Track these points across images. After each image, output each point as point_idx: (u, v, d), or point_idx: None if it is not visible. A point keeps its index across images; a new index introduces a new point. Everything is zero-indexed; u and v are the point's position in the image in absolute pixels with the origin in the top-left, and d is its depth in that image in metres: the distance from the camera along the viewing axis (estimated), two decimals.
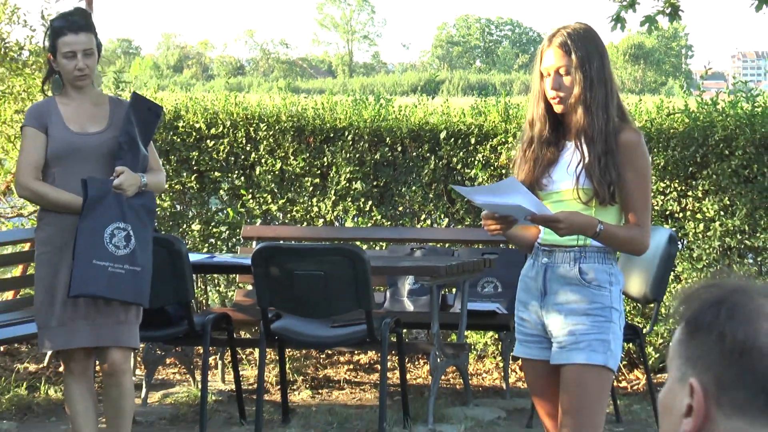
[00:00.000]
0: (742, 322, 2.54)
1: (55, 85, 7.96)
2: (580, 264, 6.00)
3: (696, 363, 2.56)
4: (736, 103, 11.65)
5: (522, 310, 6.24)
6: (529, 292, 6.19)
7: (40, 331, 7.99)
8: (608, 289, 6.01)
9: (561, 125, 6.08)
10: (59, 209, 7.79)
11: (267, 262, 9.51)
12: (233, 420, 10.11)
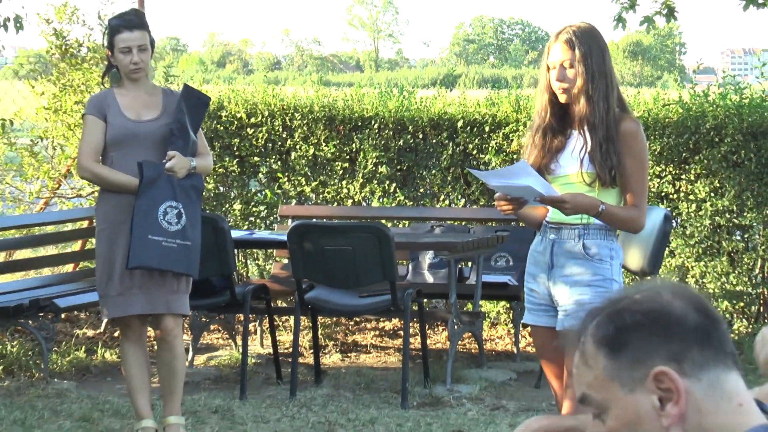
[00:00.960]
0: (645, 301, 2.59)
1: (113, 78, 8.00)
2: (584, 240, 6.04)
3: (644, 361, 2.55)
4: (725, 95, 11.64)
5: (531, 282, 6.26)
6: (538, 265, 6.21)
7: (101, 300, 8.06)
8: (609, 263, 6.04)
9: (566, 115, 6.09)
10: (116, 189, 7.83)
11: (301, 238, 9.52)
12: (271, 380, 10.13)
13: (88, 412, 8.91)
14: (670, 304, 2.58)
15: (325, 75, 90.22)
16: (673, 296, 2.58)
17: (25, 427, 8.51)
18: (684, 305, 2.57)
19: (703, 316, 2.57)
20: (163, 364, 8.07)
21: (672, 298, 2.58)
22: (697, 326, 2.56)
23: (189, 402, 9.09)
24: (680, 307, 2.57)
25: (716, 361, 2.55)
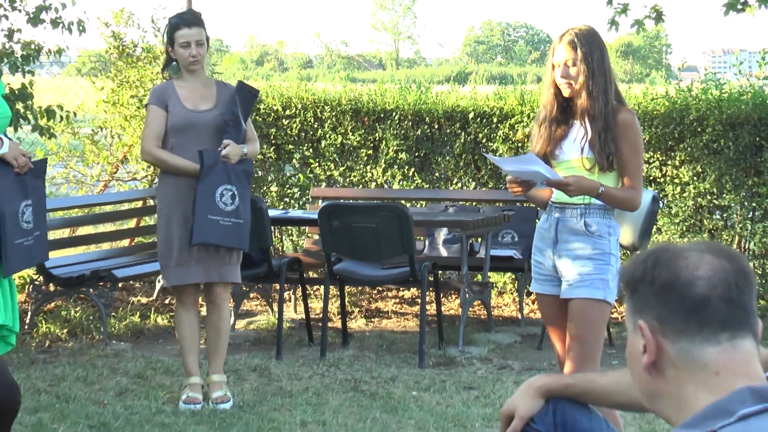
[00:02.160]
0: (664, 266, 2.60)
1: (173, 71, 8.03)
2: (585, 218, 6.06)
3: (641, 310, 2.62)
4: (707, 90, 11.62)
5: (538, 255, 6.28)
6: (544, 240, 6.23)
7: (162, 270, 8.20)
8: (607, 238, 6.07)
9: (569, 107, 6.11)
10: (175, 172, 7.88)
11: (330, 216, 9.51)
12: (303, 342, 10.12)
13: (142, 370, 8.93)
14: (683, 269, 2.59)
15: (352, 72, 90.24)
16: (697, 260, 2.60)
17: (87, 383, 8.52)
18: (697, 274, 2.57)
19: (712, 290, 2.56)
20: (211, 326, 8.13)
21: (694, 263, 2.60)
22: (694, 298, 2.56)
23: (230, 361, 9.09)
24: (689, 276, 2.58)
25: (698, 333, 2.57)
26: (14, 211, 6.68)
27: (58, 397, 8.12)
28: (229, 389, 8.16)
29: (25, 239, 6.76)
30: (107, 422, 7.48)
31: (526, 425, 3.72)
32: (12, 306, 6.75)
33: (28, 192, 6.79)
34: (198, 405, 7.90)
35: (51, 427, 7.34)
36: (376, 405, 8.07)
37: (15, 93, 9.06)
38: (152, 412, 7.77)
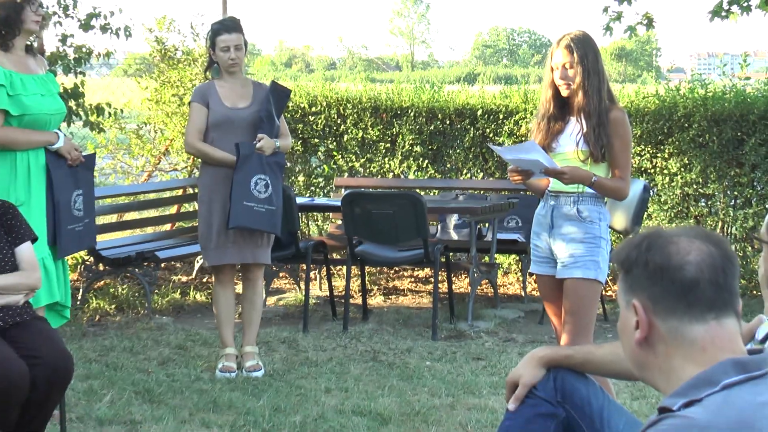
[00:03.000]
0: (657, 251, 2.61)
1: (214, 72, 8.06)
2: (578, 205, 6.08)
3: (634, 290, 2.64)
4: (693, 89, 11.60)
5: (536, 239, 6.29)
6: (541, 226, 6.24)
7: (202, 251, 8.27)
8: (598, 223, 6.09)
9: (566, 105, 6.12)
10: (215, 163, 7.90)
11: (352, 203, 9.51)
12: (327, 317, 10.12)
13: (183, 342, 8.94)
14: (675, 254, 2.61)
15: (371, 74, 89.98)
16: (687, 246, 2.62)
17: (133, 353, 8.54)
18: (687, 259, 2.59)
19: (700, 273, 2.58)
20: (246, 302, 8.18)
21: (683, 248, 2.61)
22: (684, 281, 2.58)
23: (262, 334, 9.10)
24: (680, 260, 2.60)
25: (687, 313, 2.59)
26: (67, 200, 6.70)
27: (107, 365, 8.14)
28: (261, 359, 8.17)
29: (77, 225, 6.79)
30: (151, 388, 7.49)
31: (529, 392, 3.72)
32: (64, 284, 6.79)
33: (79, 182, 6.81)
34: (233, 373, 7.91)
35: (100, 393, 7.36)
36: (393, 374, 8.07)
37: (68, 92, 9.07)
38: (191, 380, 7.79)
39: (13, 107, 6.41)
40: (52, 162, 6.59)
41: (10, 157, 6.46)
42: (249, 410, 7.01)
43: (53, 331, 6.00)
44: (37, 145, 6.56)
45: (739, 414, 2.44)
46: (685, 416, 2.45)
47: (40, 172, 6.56)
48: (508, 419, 3.76)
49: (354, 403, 7.21)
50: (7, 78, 6.40)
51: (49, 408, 5.81)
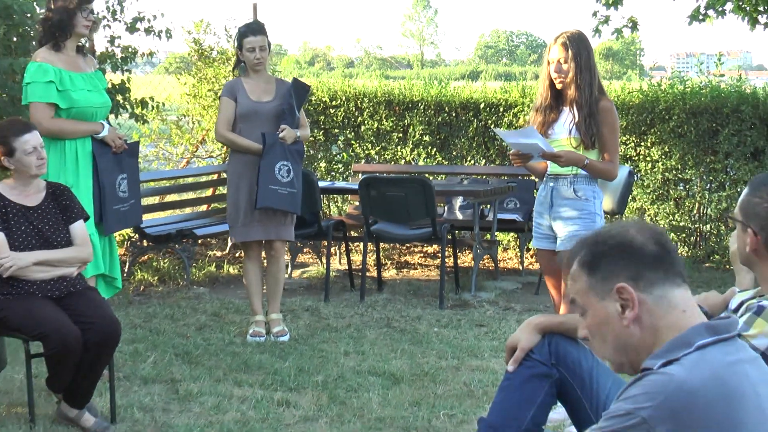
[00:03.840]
0: (616, 236, 2.65)
1: (241, 70, 8.07)
2: (574, 186, 6.13)
3: (610, 279, 2.63)
4: (673, 85, 11.60)
5: (538, 218, 6.34)
6: (542, 205, 6.29)
7: (230, 230, 8.27)
8: (593, 201, 6.14)
9: (560, 96, 6.14)
10: (242, 151, 7.93)
11: (368, 187, 9.50)
12: (346, 288, 10.13)
13: (217, 310, 8.95)
14: (633, 237, 2.64)
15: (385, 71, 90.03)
16: (638, 231, 2.67)
17: (173, 320, 8.56)
18: (644, 238, 2.64)
19: (659, 246, 2.62)
20: (270, 275, 8.18)
21: (636, 233, 2.66)
22: (652, 254, 2.61)
23: (288, 303, 9.11)
24: (641, 240, 2.64)
25: (665, 280, 2.61)
26: (112, 183, 6.73)
27: (150, 330, 8.16)
28: (287, 325, 8.18)
29: (122, 206, 6.81)
30: (189, 351, 7.51)
31: (526, 355, 3.71)
32: (112, 258, 6.81)
33: (123, 167, 6.83)
34: (262, 338, 7.92)
35: (145, 355, 7.37)
36: (405, 338, 8.07)
37: (116, 87, 9.08)
38: (225, 344, 7.80)
39: (62, 101, 6.49)
40: (97, 149, 6.65)
41: (59, 145, 6.52)
42: (276, 371, 7.02)
43: (103, 300, 6.03)
44: (84, 134, 6.60)
45: (712, 370, 2.48)
46: (664, 373, 2.49)
47: (86, 158, 6.62)
48: (508, 379, 3.75)
49: (370, 365, 7.21)
50: (57, 75, 6.49)
51: (99, 368, 5.84)
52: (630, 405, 2.47)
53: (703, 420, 2.42)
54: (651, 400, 2.44)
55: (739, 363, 2.53)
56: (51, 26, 6.57)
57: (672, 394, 2.43)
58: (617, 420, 2.47)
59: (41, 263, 5.83)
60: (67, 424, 5.88)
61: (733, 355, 2.54)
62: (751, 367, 2.56)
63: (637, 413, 2.44)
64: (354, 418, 6.06)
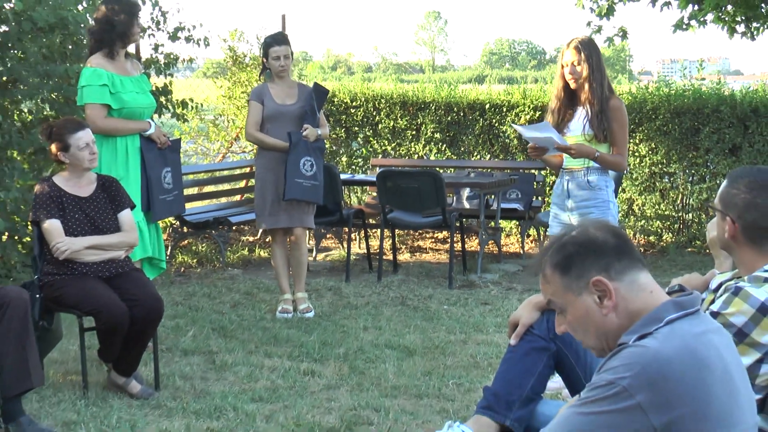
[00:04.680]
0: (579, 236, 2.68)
1: (267, 76, 8.06)
2: (587, 177, 6.17)
3: (584, 275, 2.65)
4: (659, 88, 11.61)
5: (555, 208, 6.35)
6: (559, 197, 6.32)
7: (257, 218, 8.21)
8: (605, 190, 6.20)
9: (574, 96, 6.16)
10: (269, 148, 7.94)
11: (385, 179, 9.50)
12: (365, 270, 10.13)
13: (250, 289, 8.97)
14: (594, 235, 2.68)
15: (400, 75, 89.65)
16: (596, 229, 2.70)
17: (210, 298, 8.58)
18: (603, 234, 2.70)
19: (617, 238, 2.70)
20: (294, 258, 8.18)
21: (595, 231, 2.69)
22: (615, 246, 2.67)
23: (312, 283, 9.13)
24: (601, 236, 2.67)
25: (631, 266, 2.68)
26: (158, 176, 6.75)
27: (190, 307, 8.19)
28: (311, 303, 8.19)
29: (167, 196, 6.84)
30: (225, 326, 7.52)
31: (527, 330, 3.71)
32: (158, 242, 6.85)
33: (167, 161, 6.86)
34: (289, 314, 7.93)
35: (185, 329, 7.39)
36: (418, 315, 8.07)
37: (159, 90, 9.09)
38: (257, 319, 7.81)
39: (114, 102, 6.54)
40: (144, 145, 6.69)
41: (111, 141, 6.56)
42: (302, 344, 7.03)
43: (147, 280, 6.05)
44: (133, 131, 6.64)
45: (683, 341, 2.51)
46: (640, 345, 2.52)
47: (135, 153, 6.65)
48: (510, 352, 3.75)
49: (386, 339, 7.22)
50: (110, 79, 6.53)
51: (144, 340, 5.86)
52: (611, 375, 2.48)
53: (677, 385, 2.44)
54: (630, 370, 2.46)
55: (705, 333, 2.57)
56: (104, 34, 6.59)
57: (648, 364, 2.45)
58: (600, 390, 2.48)
59: (93, 247, 5.86)
60: (115, 390, 5.91)
61: (699, 327, 2.57)
62: (715, 335, 2.60)
63: (617, 383, 2.45)
64: (372, 387, 6.06)
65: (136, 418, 5.45)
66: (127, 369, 5.89)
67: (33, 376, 5.22)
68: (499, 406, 3.67)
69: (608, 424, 2.45)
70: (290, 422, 5.37)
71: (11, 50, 8.10)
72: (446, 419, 5.12)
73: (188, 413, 5.53)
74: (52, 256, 5.82)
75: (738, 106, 10.93)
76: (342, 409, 5.60)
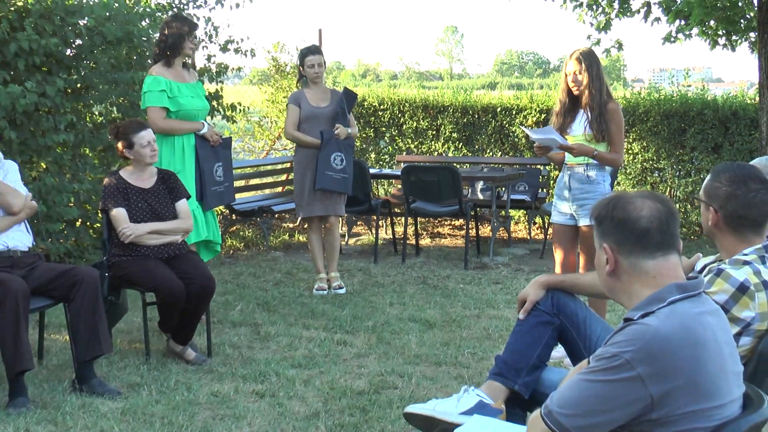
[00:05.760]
0: (620, 208, 2.63)
1: (303, 82, 8.04)
2: (587, 172, 6.10)
3: (605, 236, 2.65)
4: (650, 94, 11.56)
5: (557, 200, 6.29)
6: (561, 190, 6.26)
7: (296, 208, 8.19)
8: (603, 183, 6.14)
9: (576, 101, 6.11)
10: (305, 145, 7.92)
11: (409, 173, 9.48)
12: (390, 253, 10.13)
13: (290, 269, 8.99)
14: (635, 214, 2.62)
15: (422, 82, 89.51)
16: (647, 211, 2.62)
17: (255, 277, 8.60)
18: (645, 217, 2.64)
19: (652, 225, 2.62)
20: (328, 243, 8.18)
21: (642, 211, 2.62)
22: (640, 230, 2.64)
23: (345, 264, 9.13)
24: (639, 216, 2.61)
25: (642, 251, 2.64)
26: (210, 169, 6.77)
27: (238, 285, 8.21)
28: (344, 281, 8.20)
29: (218, 187, 6.85)
30: (268, 302, 7.54)
31: (534, 306, 3.70)
32: (214, 227, 6.87)
33: (219, 157, 6.87)
34: (324, 291, 7.94)
35: (233, 304, 7.42)
36: (437, 293, 8.07)
37: (211, 95, 9.11)
38: (296, 296, 7.83)
39: (171, 105, 6.58)
40: (199, 143, 6.71)
41: (170, 139, 6.60)
42: (336, 317, 7.04)
43: (201, 260, 6.08)
44: (188, 131, 6.66)
45: (681, 320, 2.48)
46: (643, 323, 2.50)
47: (191, 149, 6.68)
48: (518, 325, 3.74)
49: (409, 313, 7.22)
50: (168, 85, 6.57)
51: (198, 314, 5.89)
52: (615, 349, 2.47)
53: (674, 360, 2.43)
54: (632, 345, 2.44)
55: (702, 314, 2.54)
56: (165, 47, 6.63)
57: (649, 340, 2.44)
58: (605, 361, 2.47)
59: (153, 232, 5.89)
60: (173, 357, 5.94)
61: (698, 308, 2.54)
62: (711, 317, 2.56)
63: (621, 356, 2.44)
64: (397, 355, 6.07)
65: (191, 381, 5.48)
66: (183, 338, 5.92)
67: (103, 344, 5.27)
68: (509, 372, 3.66)
69: (611, 391, 2.45)
70: (325, 386, 5.39)
71: (84, 61, 8.14)
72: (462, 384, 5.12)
73: (236, 377, 5.55)
74: (119, 240, 5.86)
75: (720, 109, 10.87)
76: (370, 375, 5.62)
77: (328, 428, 4.71)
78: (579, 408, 2.48)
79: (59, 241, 7.92)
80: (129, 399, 5.13)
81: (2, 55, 7.23)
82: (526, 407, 3.67)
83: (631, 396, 2.43)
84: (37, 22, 7.49)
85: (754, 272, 3.29)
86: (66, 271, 5.37)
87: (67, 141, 7.79)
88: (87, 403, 5.03)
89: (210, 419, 4.84)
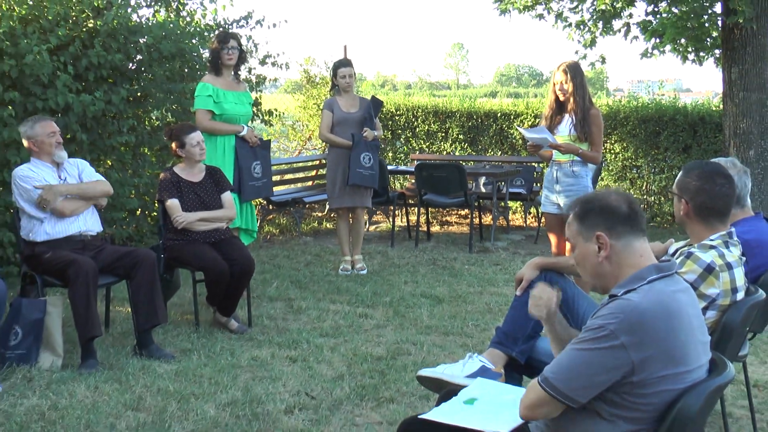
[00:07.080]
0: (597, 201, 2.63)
1: (336, 91, 8.01)
2: (572, 168, 6.06)
3: (593, 228, 2.61)
4: (629, 102, 11.49)
5: (546, 191, 6.26)
6: (549, 182, 6.24)
7: (328, 199, 8.22)
8: (585, 178, 6.11)
9: (563, 106, 6.07)
10: (337, 146, 7.89)
11: (421, 169, 9.46)
12: (405, 238, 10.11)
13: (319, 252, 8.99)
14: (613, 201, 2.61)
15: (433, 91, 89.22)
16: (617, 197, 2.63)
17: (289, 259, 8.60)
18: (620, 202, 2.61)
19: (630, 209, 2.62)
20: (354, 230, 8.17)
21: (615, 198, 2.62)
22: (624, 214, 2.60)
23: (366, 248, 9.12)
24: (618, 202, 2.61)
25: (631, 232, 2.59)
26: (248, 167, 6.75)
27: (273, 266, 8.22)
28: (365, 263, 8.19)
29: (256, 182, 6.83)
30: (300, 280, 7.55)
31: (529, 285, 3.68)
32: (252, 217, 6.86)
33: (257, 156, 6.85)
34: (348, 272, 7.94)
35: (270, 282, 7.43)
36: (446, 273, 8.05)
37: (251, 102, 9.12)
38: (324, 275, 7.83)
39: (216, 109, 6.58)
40: (239, 143, 6.70)
41: (214, 139, 6.61)
42: (358, 294, 7.05)
43: (242, 244, 6.08)
44: (230, 132, 6.66)
45: (657, 297, 2.48)
46: (626, 298, 2.49)
47: (230, 149, 6.68)
48: (516, 301, 3.73)
49: (421, 290, 7.21)
50: (214, 91, 6.58)
51: (240, 290, 5.90)
52: (601, 321, 2.47)
53: (651, 330, 2.42)
54: (616, 317, 2.44)
55: (675, 292, 2.53)
56: (210, 60, 6.67)
57: (630, 313, 2.43)
58: (593, 332, 2.47)
59: (202, 220, 5.91)
60: (219, 327, 5.96)
61: (672, 287, 2.54)
62: (683, 294, 2.55)
63: (606, 327, 2.44)
64: (410, 326, 6.07)
65: (234, 347, 5.50)
66: (227, 311, 5.94)
67: (159, 315, 5.29)
68: (508, 341, 3.66)
69: (599, 357, 2.44)
70: (349, 352, 5.39)
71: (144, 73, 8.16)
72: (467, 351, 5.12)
73: (273, 344, 5.57)
74: (173, 226, 5.88)
75: (689, 115, 10.82)
76: (388, 343, 5.62)
77: (352, 389, 4.72)
78: (571, 372, 2.48)
79: (122, 227, 7.97)
80: (181, 362, 5.16)
81: (75, 69, 7.26)
82: (523, 371, 3.68)
83: (615, 362, 2.42)
84: (105, 40, 7.51)
85: (719, 255, 3.30)
86: (128, 252, 5.40)
87: (129, 142, 7.81)
88: (146, 365, 5.06)
89: (250, 380, 4.86)
